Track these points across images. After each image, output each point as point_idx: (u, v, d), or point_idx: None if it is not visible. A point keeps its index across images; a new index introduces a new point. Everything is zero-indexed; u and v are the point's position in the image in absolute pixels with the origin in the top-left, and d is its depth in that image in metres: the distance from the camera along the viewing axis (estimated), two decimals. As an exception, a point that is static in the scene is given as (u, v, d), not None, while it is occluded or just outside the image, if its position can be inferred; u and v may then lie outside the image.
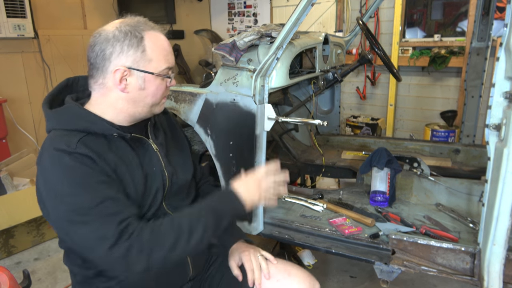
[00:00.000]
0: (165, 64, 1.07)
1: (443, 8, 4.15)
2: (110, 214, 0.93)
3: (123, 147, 1.06)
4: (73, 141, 0.96)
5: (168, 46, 1.10)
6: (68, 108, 1.05)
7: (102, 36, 1.03)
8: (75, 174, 0.93)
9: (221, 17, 5.66)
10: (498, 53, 1.18)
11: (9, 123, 3.39)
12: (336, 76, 2.41)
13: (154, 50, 1.05)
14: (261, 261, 1.21)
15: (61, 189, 0.93)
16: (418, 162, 1.97)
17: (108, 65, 1.02)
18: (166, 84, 1.11)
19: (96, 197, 0.92)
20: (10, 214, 2.52)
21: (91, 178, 0.94)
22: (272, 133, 2.42)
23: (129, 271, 0.92)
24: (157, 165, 1.13)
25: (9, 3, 3.33)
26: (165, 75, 1.08)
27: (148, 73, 1.04)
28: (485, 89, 2.71)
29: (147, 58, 1.04)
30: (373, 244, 1.57)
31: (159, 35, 1.08)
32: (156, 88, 1.07)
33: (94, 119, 1.03)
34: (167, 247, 0.94)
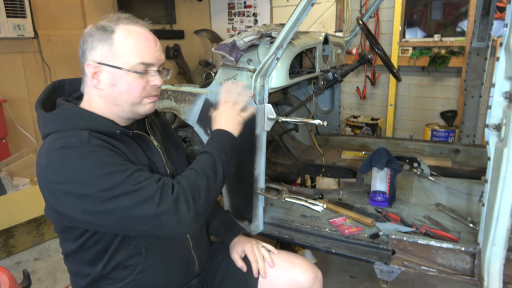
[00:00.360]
0: (136, 58, 1.01)
1: (443, 8, 4.15)
2: (144, 179, 0.94)
3: (128, 143, 1.07)
4: (83, 136, 0.95)
5: (146, 40, 1.04)
6: (67, 108, 1.03)
7: (83, 33, 1.05)
8: (96, 157, 0.92)
9: (221, 17, 5.66)
10: (498, 53, 1.18)
11: (9, 123, 3.39)
12: (336, 76, 2.41)
13: (124, 43, 1.00)
14: (263, 252, 1.25)
15: (86, 176, 0.90)
16: (418, 162, 1.97)
17: (84, 61, 1.03)
18: (148, 83, 1.05)
19: (125, 171, 0.93)
20: (10, 214, 2.52)
21: (115, 157, 0.95)
22: (272, 133, 2.42)
23: (181, 223, 0.94)
24: (159, 161, 1.14)
25: (9, 3, 3.33)
26: (139, 71, 1.02)
27: (116, 68, 1.00)
28: (485, 89, 2.71)
29: (115, 53, 1.00)
30: (373, 244, 1.57)
31: (135, 29, 1.03)
32: (129, 85, 1.02)
33: (96, 118, 1.02)
34: (204, 190, 1.00)
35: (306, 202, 1.86)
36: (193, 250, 1.20)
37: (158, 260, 1.11)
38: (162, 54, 1.08)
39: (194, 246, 1.20)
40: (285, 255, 1.26)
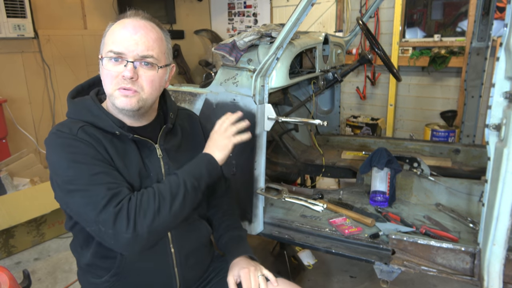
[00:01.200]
0: (109, 46, 1.00)
1: (443, 8, 4.15)
2: (102, 183, 0.95)
3: (128, 145, 1.06)
4: (75, 127, 1.00)
5: (125, 29, 1.00)
6: (83, 100, 1.08)
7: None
8: (73, 150, 0.97)
9: (221, 17, 5.66)
10: (498, 53, 1.18)
11: (9, 123, 3.39)
12: (336, 76, 2.41)
13: (109, 34, 1.02)
14: (260, 281, 1.13)
15: (59, 163, 0.97)
16: (418, 162, 1.97)
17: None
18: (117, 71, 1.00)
19: (90, 169, 0.95)
20: (10, 214, 2.52)
21: (88, 155, 0.97)
22: (272, 133, 2.42)
23: (117, 238, 0.92)
24: (155, 171, 1.10)
25: (9, 3, 3.33)
26: (108, 58, 1.00)
27: (100, 59, 1.03)
28: (485, 89, 2.71)
29: (103, 43, 1.04)
30: (373, 244, 1.57)
31: (126, 21, 1.02)
32: (104, 75, 1.02)
33: (101, 115, 1.04)
34: (153, 213, 0.95)
35: (306, 202, 1.86)
36: (176, 267, 1.13)
37: (133, 269, 1.08)
38: (141, 45, 1.00)
39: (179, 263, 1.14)
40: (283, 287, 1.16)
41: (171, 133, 1.18)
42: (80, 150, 0.97)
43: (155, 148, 1.12)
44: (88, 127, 1.02)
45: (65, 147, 0.97)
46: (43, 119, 3.88)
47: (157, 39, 1.04)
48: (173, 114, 1.19)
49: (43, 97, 3.86)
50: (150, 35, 1.03)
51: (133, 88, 1.01)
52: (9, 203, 2.54)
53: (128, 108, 1.02)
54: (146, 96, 1.04)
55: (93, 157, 0.97)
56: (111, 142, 1.03)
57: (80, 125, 1.01)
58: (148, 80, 1.03)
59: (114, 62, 1.01)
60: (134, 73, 1.00)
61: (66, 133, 0.99)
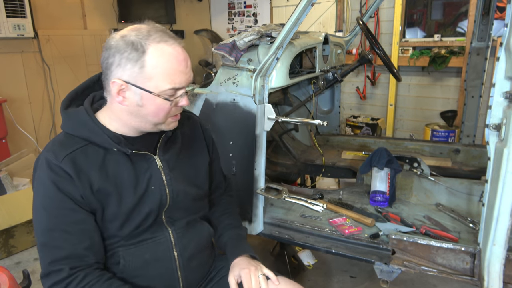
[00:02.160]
0: (169, 84, 0.97)
1: (443, 8, 4.15)
2: (52, 246, 0.96)
3: (122, 162, 1.03)
4: (62, 153, 0.97)
5: (177, 63, 0.98)
6: (76, 112, 1.02)
7: (109, 43, 0.98)
8: (45, 193, 0.97)
9: (221, 17, 5.66)
10: (498, 53, 1.18)
11: (9, 123, 3.39)
12: (336, 76, 2.41)
13: (156, 67, 0.95)
14: (261, 281, 1.12)
15: (34, 198, 0.99)
16: (418, 162, 1.97)
17: (110, 74, 0.98)
18: (175, 104, 1.01)
19: (50, 222, 0.96)
20: (10, 214, 2.52)
21: (56, 202, 0.96)
22: (272, 133, 2.42)
23: None
24: (157, 184, 1.08)
25: (9, 3, 3.33)
26: (168, 96, 0.98)
27: (145, 91, 0.96)
28: (485, 89, 2.71)
29: (146, 75, 0.95)
30: (373, 244, 1.57)
31: (168, 50, 0.96)
32: (157, 108, 0.99)
33: (97, 130, 1.00)
34: None
35: (306, 202, 1.86)
36: (179, 270, 1.13)
37: (136, 274, 1.07)
38: (191, 73, 1.02)
39: (182, 265, 1.13)
40: (284, 286, 1.15)
41: (170, 140, 1.14)
42: (49, 193, 0.96)
43: (155, 160, 1.09)
44: (78, 151, 0.98)
45: (41, 185, 0.97)
46: (43, 119, 3.88)
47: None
48: None
49: (43, 97, 3.86)
50: (190, 63, 1.05)
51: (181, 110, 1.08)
52: (9, 203, 2.54)
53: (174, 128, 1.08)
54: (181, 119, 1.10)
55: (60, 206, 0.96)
56: (102, 164, 1.00)
57: (70, 150, 0.98)
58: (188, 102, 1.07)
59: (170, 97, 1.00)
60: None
61: (50, 162, 0.96)
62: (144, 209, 1.05)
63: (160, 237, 1.10)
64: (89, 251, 0.98)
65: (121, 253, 1.05)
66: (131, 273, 1.06)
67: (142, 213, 1.05)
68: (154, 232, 1.09)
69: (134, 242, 1.06)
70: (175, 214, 1.13)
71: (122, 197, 1.02)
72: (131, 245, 1.06)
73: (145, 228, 1.07)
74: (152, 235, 1.09)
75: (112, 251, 1.05)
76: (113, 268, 1.06)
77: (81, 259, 0.97)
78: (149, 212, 1.06)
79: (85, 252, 0.97)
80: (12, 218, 2.53)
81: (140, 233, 1.07)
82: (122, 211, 1.02)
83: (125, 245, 1.05)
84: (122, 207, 1.02)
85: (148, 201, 1.06)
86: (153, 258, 1.08)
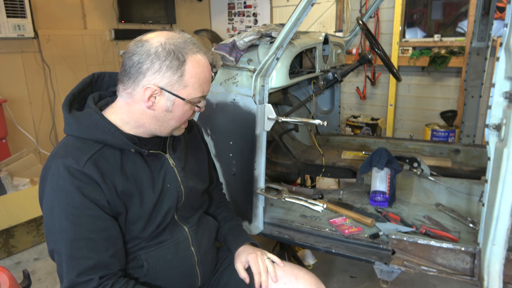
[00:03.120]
0: (199, 93, 1.03)
1: (443, 8, 4.15)
2: (79, 257, 0.92)
3: (138, 162, 1.04)
4: (83, 158, 0.94)
5: (208, 73, 1.05)
6: (88, 115, 1.00)
7: (144, 48, 0.97)
8: (67, 200, 0.92)
9: (221, 17, 5.66)
10: (498, 53, 1.18)
11: (9, 123, 3.39)
12: (336, 76, 2.41)
13: (192, 76, 1.00)
14: (268, 264, 1.20)
15: (51, 207, 0.93)
16: (418, 162, 1.97)
17: (142, 79, 0.98)
18: (194, 110, 1.08)
19: (75, 232, 0.92)
20: (10, 214, 2.52)
21: (80, 209, 0.93)
22: (272, 133, 2.42)
23: None
24: (172, 182, 1.10)
25: (9, 3, 3.33)
26: (196, 103, 1.05)
27: (179, 98, 1.01)
28: (485, 89, 2.71)
29: (183, 83, 1.00)
30: (373, 244, 1.57)
31: (202, 61, 1.03)
32: (183, 113, 1.04)
33: (113, 132, 0.99)
34: None
35: (306, 202, 1.87)
36: (197, 266, 1.16)
37: (160, 275, 1.09)
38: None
39: (200, 261, 1.17)
40: (289, 268, 1.22)
41: (176, 140, 1.18)
42: (72, 201, 0.92)
43: (167, 159, 1.11)
44: (98, 154, 0.97)
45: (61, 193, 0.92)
46: (43, 119, 3.88)
47: None
48: None
49: (43, 97, 3.86)
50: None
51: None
52: (9, 203, 2.54)
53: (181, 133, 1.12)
54: None
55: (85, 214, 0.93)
56: (121, 166, 1.00)
57: (90, 153, 0.96)
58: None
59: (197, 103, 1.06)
60: None
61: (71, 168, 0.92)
62: (163, 208, 1.07)
63: (179, 236, 1.13)
64: (114, 258, 0.97)
65: (143, 256, 1.05)
66: (155, 275, 1.08)
67: (162, 212, 1.07)
68: (173, 232, 1.12)
69: (154, 244, 1.07)
70: (186, 211, 1.17)
71: (143, 197, 1.03)
72: (152, 247, 1.07)
73: (164, 228, 1.09)
74: (171, 235, 1.11)
75: (133, 255, 1.05)
76: (136, 273, 1.06)
77: (108, 268, 0.95)
78: (168, 210, 1.08)
79: (111, 259, 0.96)
80: (12, 218, 2.53)
81: (160, 234, 1.08)
82: (144, 211, 1.03)
83: (146, 248, 1.06)
84: (144, 207, 1.03)
85: (166, 199, 1.08)
86: (174, 258, 1.11)
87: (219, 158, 1.80)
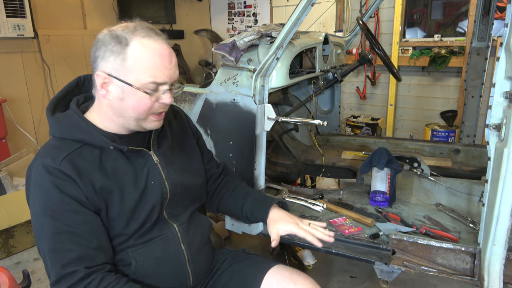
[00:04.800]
0: (149, 78, 0.97)
1: (443, 8, 4.15)
2: (62, 250, 0.93)
3: (118, 160, 1.04)
4: (59, 157, 0.96)
5: (161, 57, 0.98)
6: (67, 116, 1.03)
7: (97, 38, 1.01)
8: (46, 198, 0.94)
9: (221, 17, 5.66)
10: (498, 53, 1.18)
11: (9, 123, 3.39)
12: (336, 76, 2.41)
13: (138, 60, 0.96)
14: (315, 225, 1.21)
15: (34, 205, 0.96)
16: (418, 162, 1.97)
17: (96, 68, 1.01)
18: (157, 100, 1.02)
19: (56, 227, 0.94)
20: (10, 214, 2.52)
21: (59, 205, 0.94)
22: (272, 133, 2.42)
23: None
24: (156, 179, 1.09)
25: (9, 3, 3.33)
26: (149, 90, 0.98)
27: (126, 84, 0.97)
28: (485, 89, 2.71)
29: (127, 68, 0.96)
30: (373, 244, 1.57)
31: (150, 45, 0.97)
32: (137, 102, 0.99)
33: (91, 130, 1.01)
34: None
35: (306, 202, 1.86)
36: (188, 264, 1.15)
37: (149, 273, 1.08)
38: (176, 71, 1.03)
39: (190, 259, 1.15)
40: (288, 273, 1.19)
41: (161, 136, 1.16)
42: (51, 197, 0.94)
43: (150, 156, 1.10)
44: (75, 153, 0.99)
45: (40, 190, 0.95)
46: (43, 119, 3.88)
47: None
48: None
49: (43, 97, 3.86)
50: (175, 61, 1.04)
51: (166, 110, 1.06)
52: (9, 203, 2.54)
53: (157, 128, 1.08)
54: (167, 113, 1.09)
55: (65, 209, 0.94)
56: (100, 164, 1.01)
57: (67, 152, 0.98)
58: (171, 99, 1.05)
59: (152, 92, 1.00)
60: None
61: (48, 166, 0.95)
62: (147, 205, 1.06)
63: (168, 234, 1.11)
64: (98, 251, 0.98)
65: (131, 254, 1.05)
66: (143, 273, 1.07)
67: (146, 209, 1.06)
68: (161, 230, 1.11)
69: (142, 242, 1.07)
70: (175, 208, 1.15)
71: (124, 193, 1.03)
72: (140, 245, 1.07)
73: (151, 226, 1.08)
74: (159, 233, 1.10)
75: (121, 252, 1.05)
76: (125, 270, 1.06)
77: (93, 259, 0.96)
78: (153, 207, 1.07)
79: (95, 252, 0.97)
80: (12, 218, 2.53)
81: (148, 232, 1.08)
82: (125, 208, 1.02)
83: (134, 245, 1.06)
84: (125, 203, 1.02)
85: (150, 196, 1.07)
86: (163, 256, 1.10)
87: (219, 158, 1.80)
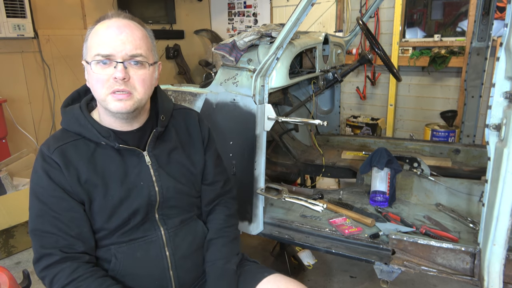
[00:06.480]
0: (96, 49, 0.97)
1: (443, 8, 4.15)
2: (42, 231, 1.00)
3: (111, 156, 1.06)
4: (54, 146, 1.03)
5: (107, 30, 0.98)
6: (72, 109, 1.08)
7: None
8: (37, 181, 1.02)
9: (221, 17, 5.66)
10: (498, 53, 1.18)
11: (9, 123, 3.39)
12: (336, 76, 2.41)
13: (92, 38, 1.00)
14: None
15: (30, 188, 1.05)
16: (418, 162, 1.97)
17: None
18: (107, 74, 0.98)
19: (41, 209, 1.01)
20: (10, 214, 2.52)
21: (47, 190, 1.01)
22: (272, 133, 2.42)
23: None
24: (145, 180, 1.08)
25: (9, 3, 3.33)
26: (97, 63, 0.98)
27: (85, 63, 1.02)
28: (485, 89, 2.71)
29: (87, 47, 1.02)
30: (373, 244, 1.57)
31: (108, 22, 1.00)
32: (95, 80, 0.99)
33: (87, 125, 1.04)
34: None
35: (306, 202, 1.86)
36: (171, 269, 1.12)
37: (127, 272, 1.08)
38: (128, 44, 0.98)
39: (174, 265, 1.12)
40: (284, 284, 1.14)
41: (162, 137, 1.15)
42: (40, 182, 1.01)
43: (144, 156, 1.10)
44: (68, 144, 1.03)
45: (34, 174, 1.03)
46: (43, 119, 3.88)
47: (143, 37, 1.03)
48: (164, 117, 1.14)
49: (43, 97, 3.86)
50: (136, 34, 1.01)
51: (127, 89, 0.99)
52: (9, 203, 2.54)
53: (124, 111, 1.01)
54: (140, 97, 1.02)
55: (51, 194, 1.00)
56: (91, 157, 1.04)
57: (62, 143, 1.03)
58: (140, 79, 1.01)
59: (102, 65, 0.98)
60: (126, 73, 0.98)
61: (43, 153, 1.03)
62: (132, 204, 1.06)
63: (152, 236, 1.11)
64: (77, 239, 1.01)
65: (113, 251, 1.07)
66: (122, 271, 1.07)
67: (130, 208, 1.06)
68: (146, 231, 1.10)
69: (126, 240, 1.08)
70: (169, 212, 1.14)
71: (108, 189, 1.04)
72: (123, 243, 1.08)
73: (137, 226, 1.08)
74: (143, 234, 1.10)
75: (105, 248, 1.07)
76: (105, 266, 1.08)
77: (71, 246, 1.00)
78: (138, 208, 1.07)
79: (74, 240, 1.01)
80: (12, 218, 2.53)
81: (132, 231, 1.08)
82: (108, 204, 1.04)
83: (117, 243, 1.07)
84: (108, 199, 1.04)
85: (136, 196, 1.07)
86: (144, 257, 1.09)
87: (219, 158, 1.80)
